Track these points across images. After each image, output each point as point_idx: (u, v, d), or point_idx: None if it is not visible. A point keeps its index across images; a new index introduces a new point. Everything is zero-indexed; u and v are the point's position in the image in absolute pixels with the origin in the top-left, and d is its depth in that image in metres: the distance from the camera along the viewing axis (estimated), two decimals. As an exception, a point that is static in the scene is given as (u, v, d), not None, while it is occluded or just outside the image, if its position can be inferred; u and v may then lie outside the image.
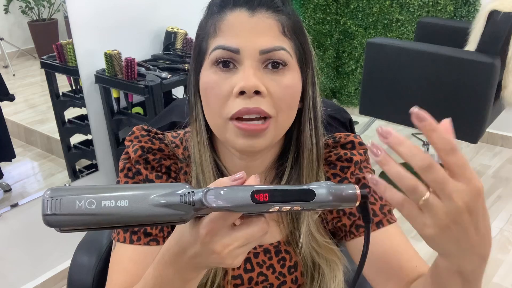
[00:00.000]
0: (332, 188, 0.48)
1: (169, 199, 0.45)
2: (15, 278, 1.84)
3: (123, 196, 0.44)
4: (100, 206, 0.44)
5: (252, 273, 0.74)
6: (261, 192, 0.46)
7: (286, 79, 0.64)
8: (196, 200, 0.46)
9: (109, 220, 0.44)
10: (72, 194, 0.44)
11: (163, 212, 0.45)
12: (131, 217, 0.45)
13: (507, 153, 2.91)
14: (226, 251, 0.49)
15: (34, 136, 2.00)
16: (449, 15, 2.86)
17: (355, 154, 0.77)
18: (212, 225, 0.48)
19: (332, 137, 0.79)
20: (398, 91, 2.25)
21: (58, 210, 0.43)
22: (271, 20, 0.64)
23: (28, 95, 1.92)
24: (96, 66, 1.96)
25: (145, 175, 0.73)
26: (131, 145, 0.75)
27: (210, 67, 0.65)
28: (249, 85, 0.61)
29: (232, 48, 0.62)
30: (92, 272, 0.88)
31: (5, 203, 1.78)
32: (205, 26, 0.67)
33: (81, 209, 0.44)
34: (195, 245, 0.50)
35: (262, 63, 0.63)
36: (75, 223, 0.44)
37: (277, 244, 0.75)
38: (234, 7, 0.64)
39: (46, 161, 2.03)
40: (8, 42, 1.86)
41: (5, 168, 1.82)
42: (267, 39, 0.63)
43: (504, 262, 2.00)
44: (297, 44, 0.67)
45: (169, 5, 2.18)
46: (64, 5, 1.83)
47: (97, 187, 0.45)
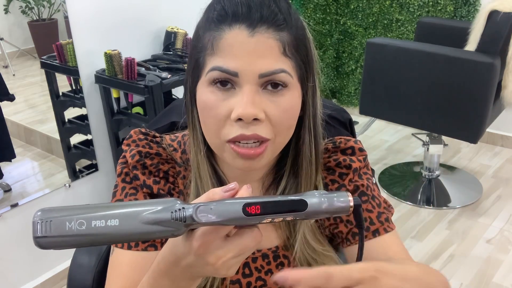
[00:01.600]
0: (324, 197, 0.49)
1: (159, 216, 0.45)
2: (15, 278, 1.84)
3: (113, 215, 0.45)
4: (91, 226, 0.44)
5: (251, 278, 0.74)
6: (253, 205, 0.46)
7: (285, 101, 0.62)
8: (187, 216, 0.46)
9: (100, 240, 0.45)
10: (62, 216, 0.44)
11: (154, 230, 0.45)
12: (122, 236, 0.45)
13: (507, 153, 2.91)
14: (220, 262, 0.49)
15: (34, 136, 2.00)
16: (449, 15, 2.86)
17: (354, 161, 0.76)
18: (205, 238, 0.48)
19: (332, 142, 0.78)
20: (398, 91, 2.25)
21: (49, 232, 0.44)
22: (272, 41, 0.60)
23: (28, 95, 1.92)
24: (96, 66, 1.96)
25: (143, 181, 0.73)
26: (128, 150, 0.74)
27: (208, 85, 0.62)
28: (247, 114, 0.59)
29: (230, 71, 0.60)
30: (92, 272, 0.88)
31: (5, 203, 1.78)
32: (203, 38, 0.64)
33: (72, 230, 0.44)
34: (188, 256, 0.50)
35: (261, 85, 0.61)
36: (66, 244, 0.44)
37: (275, 249, 0.75)
38: (233, 23, 0.60)
39: (46, 161, 2.03)
40: (8, 42, 1.86)
41: (5, 168, 1.82)
42: (267, 62, 0.60)
43: (504, 262, 2.00)
44: (299, 61, 0.64)
45: (169, 5, 2.18)
46: (64, 5, 1.83)
47: (87, 207, 0.45)
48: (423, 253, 2.05)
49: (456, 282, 1.90)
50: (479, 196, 2.48)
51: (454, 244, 2.13)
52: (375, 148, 3.02)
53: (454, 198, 2.48)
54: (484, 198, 2.46)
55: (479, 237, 2.16)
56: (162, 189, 0.73)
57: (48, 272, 1.92)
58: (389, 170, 2.76)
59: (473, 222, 2.27)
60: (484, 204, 2.41)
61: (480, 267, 1.98)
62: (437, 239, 2.15)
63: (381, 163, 2.83)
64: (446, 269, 1.97)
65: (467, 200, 2.44)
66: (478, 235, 2.18)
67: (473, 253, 2.06)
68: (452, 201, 2.45)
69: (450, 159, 2.85)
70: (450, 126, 2.16)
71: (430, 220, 2.30)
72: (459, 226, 2.25)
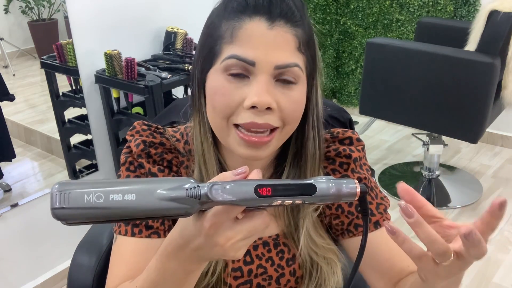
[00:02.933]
0: (333, 182, 0.50)
1: (175, 193, 0.46)
2: (15, 278, 1.84)
3: (130, 190, 0.45)
4: (108, 199, 0.44)
5: (252, 266, 0.75)
6: (265, 187, 0.47)
7: (296, 94, 0.65)
8: (201, 194, 0.47)
9: (117, 214, 0.45)
10: (80, 188, 0.44)
11: (169, 206, 0.46)
12: (138, 211, 0.46)
13: (507, 153, 2.91)
14: (229, 244, 0.50)
15: (34, 136, 2.00)
16: (449, 15, 2.86)
17: (353, 151, 0.78)
18: (216, 218, 0.49)
19: (330, 132, 0.80)
20: (398, 91, 2.25)
21: (67, 203, 0.44)
22: (289, 35, 0.63)
23: (28, 95, 1.92)
24: (96, 66, 1.96)
25: (148, 169, 0.74)
26: (133, 140, 0.75)
27: (222, 73, 0.64)
28: (262, 102, 0.61)
29: (248, 60, 0.62)
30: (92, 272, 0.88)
31: (5, 203, 1.78)
32: (219, 27, 0.65)
33: (89, 202, 0.44)
34: (198, 237, 0.51)
35: (275, 77, 0.63)
36: (83, 216, 0.45)
37: (275, 237, 0.77)
38: (253, 15, 0.62)
39: (46, 161, 2.03)
40: (8, 42, 1.86)
41: (5, 168, 1.82)
42: (283, 55, 0.62)
43: (504, 262, 2.00)
44: (309, 58, 0.67)
45: (169, 5, 2.18)
46: (64, 5, 1.83)
47: (104, 181, 0.46)
48: (423, 253, 2.05)
49: (456, 282, 1.90)
50: (479, 196, 2.48)
51: (454, 244, 2.12)
52: (375, 148, 3.02)
53: (454, 198, 2.48)
54: (484, 198, 2.46)
55: (479, 237, 2.16)
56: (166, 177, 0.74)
57: (48, 272, 1.92)
58: (389, 170, 2.76)
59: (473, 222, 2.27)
60: (484, 204, 2.41)
61: (480, 267, 1.98)
62: (437, 239, 2.15)
63: (381, 163, 2.83)
64: (446, 269, 1.97)
65: (467, 200, 2.44)
66: (478, 235, 2.18)
67: (473, 253, 2.06)
68: (452, 201, 2.45)
69: (450, 159, 2.85)
70: (450, 126, 2.16)
71: (430, 220, 2.29)
72: (459, 226, 2.25)
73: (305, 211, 0.74)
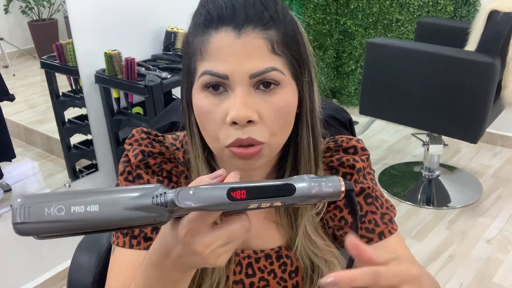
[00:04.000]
0: (314, 181, 0.47)
1: (141, 201, 0.44)
2: (15, 278, 1.84)
3: (93, 201, 0.43)
4: (70, 212, 0.43)
5: (254, 278, 0.74)
6: (238, 189, 0.45)
7: (278, 99, 0.62)
8: (168, 201, 0.45)
9: (80, 226, 0.43)
10: (41, 202, 0.43)
11: (135, 215, 0.44)
12: (102, 222, 0.44)
13: (507, 153, 2.91)
14: (208, 251, 0.48)
15: (34, 136, 2.00)
16: (449, 15, 2.86)
17: (357, 161, 0.75)
18: (191, 225, 0.47)
19: (334, 140, 0.78)
20: (398, 91, 2.25)
21: (27, 218, 0.43)
22: (260, 40, 0.60)
23: (28, 95, 1.92)
24: (96, 66, 1.96)
25: (147, 180, 0.72)
26: (131, 149, 0.74)
27: (201, 90, 0.63)
28: (240, 117, 0.59)
29: (220, 74, 0.60)
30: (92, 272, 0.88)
31: (5, 203, 1.78)
32: (192, 44, 0.64)
33: (50, 216, 0.43)
34: (177, 246, 0.50)
35: (253, 86, 0.61)
36: (45, 230, 0.43)
37: (278, 249, 0.75)
38: (219, 26, 0.60)
39: (46, 161, 2.03)
40: (8, 42, 1.86)
41: (5, 168, 1.82)
42: (256, 62, 0.59)
43: (504, 262, 2.00)
44: (290, 58, 0.63)
45: (169, 5, 2.18)
46: (64, 5, 1.83)
47: (69, 193, 0.44)
48: (423, 253, 2.05)
49: (456, 282, 1.90)
50: (479, 196, 2.48)
51: (454, 244, 2.13)
52: (375, 148, 3.02)
53: (454, 198, 2.48)
54: (484, 198, 2.46)
55: (479, 237, 2.16)
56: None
57: (48, 272, 1.92)
58: (389, 170, 2.76)
59: (473, 222, 2.27)
60: (484, 204, 2.41)
61: (480, 267, 1.98)
62: (437, 239, 2.15)
63: (381, 163, 2.83)
64: (446, 269, 1.97)
65: (467, 200, 2.44)
66: (478, 235, 2.18)
67: (473, 253, 2.06)
68: (452, 201, 2.45)
69: (450, 159, 2.85)
70: (450, 126, 2.16)
71: (430, 220, 2.30)
72: (459, 226, 2.25)
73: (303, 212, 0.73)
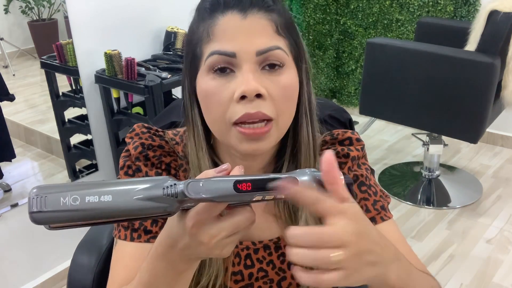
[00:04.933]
0: (315, 175, 0.49)
1: (152, 192, 0.46)
2: (15, 278, 1.84)
3: (106, 192, 0.45)
4: (84, 201, 0.44)
5: (252, 269, 0.75)
6: (244, 182, 0.47)
7: (284, 79, 0.64)
8: (178, 192, 0.46)
9: (94, 215, 0.45)
10: (56, 191, 0.44)
11: (146, 205, 0.46)
12: (115, 211, 0.45)
13: (507, 153, 2.91)
14: (214, 242, 0.50)
15: (34, 136, 2.00)
16: (449, 15, 2.86)
17: (352, 150, 0.77)
18: (198, 216, 0.49)
19: (330, 134, 0.80)
20: (398, 91, 2.25)
21: (44, 207, 0.44)
22: (264, 20, 0.63)
23: (28, 95, 1.92)
24: (96, 66, 1.96)
25: (145, 172, 0.74)
26: (131, 142, 0.75)
27: (207, 73, 0.64)
28: (250, 89, 0.61)
29: (228, 53, 0.62)
30: (92, 272, 0.88)
31: (5, 203, 1.78)
32: (197, 31, 0.66)
33: (66, 205, 0.44)
34: (184, 237, 0.51)
35: (259, 65, 0.63)
36: (61, 219, 0.45)
37: (276, 240, 0.76)
38: (225, 10, 0.63)
39: (46, 161, 2.03)
40: (8, 42, 1.86)
41: (5, 168, 1.82)
42: (262, 40, 0.63)
43: (504, 262, 2.00)
44: (292, 41, 0.67)
45: (169, 5, 2.18)
46: (64, 5, 1.83)
47: (82, 184, 0.46)
48: (423, 253, 2.05)
49: (456, 282, 1.90)
50: (479, 196, 2.48)
51: (454, 244, 2.13)
52: (375, 148, 3.02)
53: (454, 198, 2.48)
54: (484, 198, 2.46)
55: (479, 237, 2.17)
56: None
57: (48, 272, 1.92)
58: (389, 170, 2.76)
59: (473, 222, 2.27)
60: (484, 204, 2.41)
61: (480, 267, 1.98)
62: (437, 239, 2.15)
63: (381, 163, 2.83)
64: (446, 269, 1.97)
65: (467, 200, 2.44)
66: (478, 235, 2.18)
67: (473, 253, 2.06)
68: (452, 201, 2.45)
69: (450, 159, 2.85)
70: (450, 126, 2.16)
71: (430, 220, 2.30)
72: (459, 226, 2.25)
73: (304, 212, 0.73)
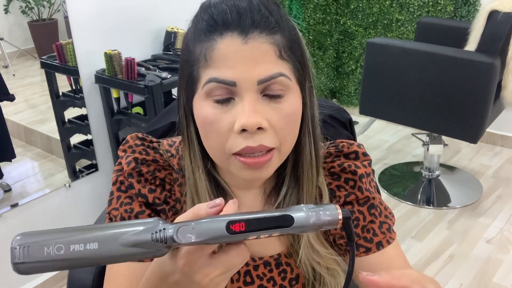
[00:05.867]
0: (311, 211, 0.48)
1: (139, 238, 0.45)
2: (15, 278, 1.84)
3: (92, 239, 0.44)
4: (69, 250, 0.44)
5: (252, 286, 0.73)
6: (237, 222, 0.46)
7: (287, 106, 0.60)
8: (168, 237, 0.45)
9: (79, 263, 0.44)
10: (40, 240, 0.44)
11: (134, 252, 0.45)
12: (101, 259, 0.45)
13: (507, 153, 2.91)
14: (207, 280, 0.49)
15: (34, 136, 2.00)
16: (449, 15, 2.86)
17: (359, 167, 0.74)
18: (190, 256, 0.48)
19: (335, 145, 0.77)
20: (398, 91, 2.25)
21: (27, 258, 0.43)
22: (267, 45, 0.58)
23: (28, 95, 1.92)
24: (96, 66, 1.96)
25: (138, 189, 0.70)
26: (124, 156, 0.72)
27: (205, 98, 0.60)
28: (251, 123, 0.57)
29: (227, 81, 0.57)
30: (92, 272, 0.88)
31: (5, 203, 1.78)
32: (193, 51, 0.61)
33: (50, 255, 0.43)
34: (175, 273, 0.50)
35: (261, 93, 0.59)
36: (45, 269, 0.44)
37: (277, 257, 0.73)
38: (224, 31, 0.58)
39: (46, 161, 2.03)
40: (8, 42, 1.86)
41: (5, 168, 1.82)
42: (264, 67, 0.58)
43: (504, 262, 2.00)
44: (295, 63, 0.62)
45: (169, 5, 2.18)
46: (64, 5, 1.83)
47: (67, 230, 0.45)
48: (423, 253, 2.05)
49: (456, 282, 1.90)
50: (479, 196, 2.48)
51: (454, 244, 2.13)
52: (375, 148, 3.02)
53: (454, 198, 2.48)
54: (484, 198, 2.46)
55: (479, 237, 2.17)
56: (158, 197, 0.71)
57: (48, 272, 1.92)
58: (389, 170, 2.76)
59: (473, 222, 2.27)
60: (484, 204, 2.41)
61: (480, 267, 1.98)
62: (437, 239, 2.15)
63: (381, 163, 2.83)
64: (446, 269, 1.97)
65: (467, 200, 2.44)
66: (478, 235, 2.18)
67: (473, 253, 2.06)
68: (452, 201, 2.45)
69: (450, 159, 2.85)
70: (450, 126, 2.16)
71: (430, 220, 2.30)
72: (459, 226, 2.25)
73: None
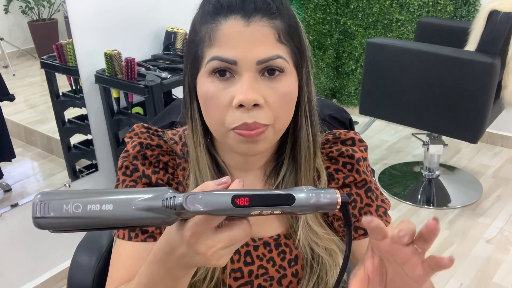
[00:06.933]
0: (312, 193, 0.50)
1: (151, 203, 0.48)
2: (15, 278, 1.84)
3: (107, 200, 0.47)
4: (86, 209, 0.46)
5: (252, 266, 0.75)
6: (242, 197, 0.48)
7: (283, 86, 0.65)
8: (177, 205, 0.48)
9: (95, 223, 0.47)
10: (60, 198, 0.47)
11: (145, 216, 0.47)
12: (115, 220, 0.47)
13: (507, 153, 2.91)
14: (210, 252, 0.51)
15: (34, 136, 2.00)
16: (449, 15, 2.86)
17: (356, 151, 0.78)
18: (196, 227, 0.50)
19: (332, 133, 0.80)
20: (398, 91, 2.25)
21: (47, 213, 0.46)
22: (267, 29, 0.63)
23: (28, 95, 1.92)
24: (96, 66, 1.96)
25: (142, 171, 0.75)
26: (130, 142, 0.76)
27: (208, 76, 0.65)
28: (248, 99, 0.62)
29: (229, 60, 0.63)
30: (92, 272, 0.88)
31: (5, 203, 1.78)
32: (199, 32, 0.67)
33: (68, 212, 0.46)
34: (181, 246, 0.52)
35: (259, 72, 0.64)
36: (63, 225, 0.47)
37: (277, 237, 0.76)
38: (228, 14, 0.63)
39: (46, 161, 2.03)
40: (8, 42, 1.86)
41: (5, 168, 1.82)
42: (263, 49, 0.63)
43: (504, 262, 2.00)
44: (293, 47, 0.67)
45: (169, 5, 2.18)
46: (64, 5, 1.83)
47: (85, 191, 0.48)
48: (423, 253, 2.04)
49: (456, 282, 1.90)
50: (479, 196, 2.48)
51: (454, 244, 2.13)
52: (375, 148, 3.02)
53: (454, 198, 2.48)
54: (484, 198, 2.46)
55: (479, 237, 2.17)
56: (161, 179, 0.75)
57: (48, 272, 1.92)
58: (389, 170, 2.76)
59: (473, 222, 2.27)
60: (484, 204, 2.41)
61: (480, 267, 1.98)
62: (437, 239, 2.14)
63: (381, 163, 2.83)
64: (446, 269, 1.97)
65: (467, 200, 2.44)
66: (478, 235, 2.18)
67: (473, 253, 2.06)
68: (452, 201, 2.45)
69: (450, 159, 2.85)
70: (450, 126, 2.16)
71: (430, 220, 2.29)
72: (459, 226, 2.25)
73: None
